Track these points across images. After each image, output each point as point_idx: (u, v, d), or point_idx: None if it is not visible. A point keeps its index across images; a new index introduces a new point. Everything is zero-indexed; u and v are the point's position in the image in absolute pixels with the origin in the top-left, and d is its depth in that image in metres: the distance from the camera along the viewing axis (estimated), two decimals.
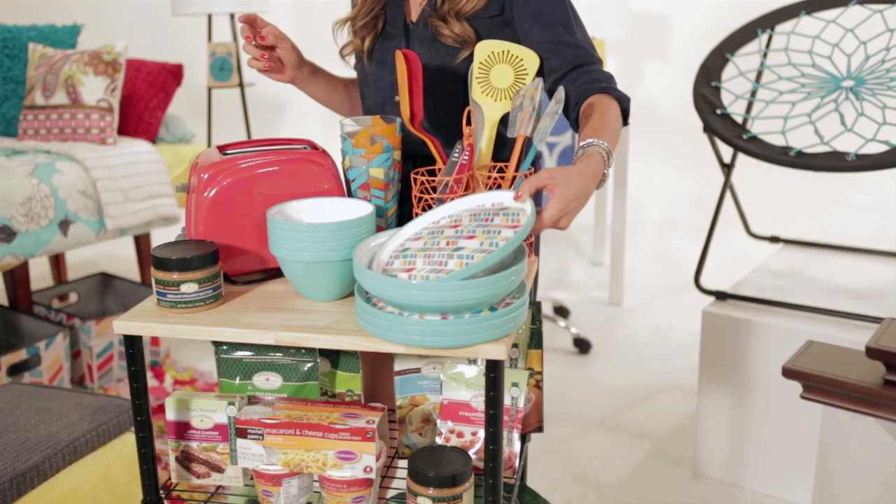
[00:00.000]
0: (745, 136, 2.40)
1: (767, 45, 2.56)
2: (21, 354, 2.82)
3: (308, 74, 1.73)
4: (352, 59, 1.77)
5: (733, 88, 2.59)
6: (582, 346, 3.40)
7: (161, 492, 1.42)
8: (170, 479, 1.47)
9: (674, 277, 4.22)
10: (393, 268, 1.25)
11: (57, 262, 3.74)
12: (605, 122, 1.45)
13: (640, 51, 5.07)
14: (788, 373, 1.37)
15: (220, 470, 1.43)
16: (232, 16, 3.91)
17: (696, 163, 4.77)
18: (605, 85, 1.53)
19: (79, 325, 3.05)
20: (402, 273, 1.22)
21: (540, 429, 1.56)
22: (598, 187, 1.39)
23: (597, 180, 1.37)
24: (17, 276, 3.07)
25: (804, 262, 2.70)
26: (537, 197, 1.37)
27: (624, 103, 1.53)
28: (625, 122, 1.54)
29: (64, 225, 2.95)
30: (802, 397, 1.38)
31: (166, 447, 2.47)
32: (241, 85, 3.90)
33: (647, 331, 3.62)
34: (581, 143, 1.41)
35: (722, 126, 2.43)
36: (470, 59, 1.56)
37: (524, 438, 1.55)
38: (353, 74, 1.82)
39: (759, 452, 2.41)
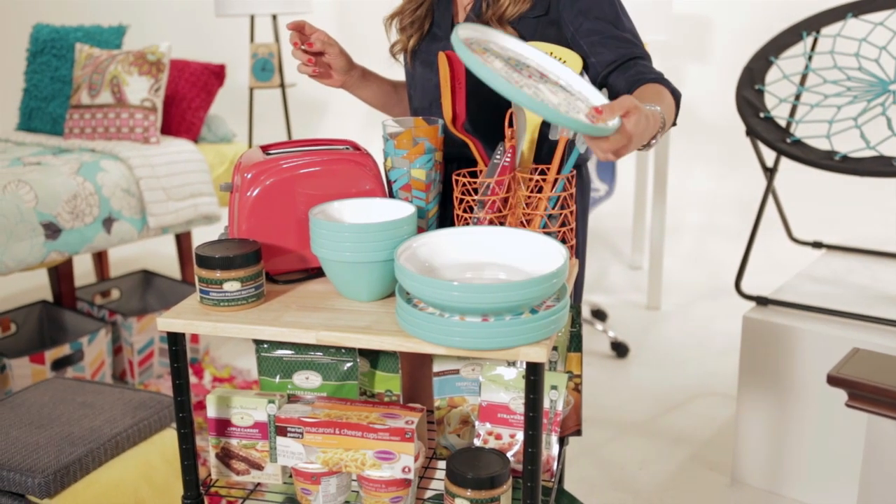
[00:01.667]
0: (788, 140, 2.37)
1: (812, 48, 2.53)
2: (64, 349, 2.87)
3: (358, 79, 1.73)
4: (402, 58, 1.77)
5: (777, 92, 2.56)
6: (619, 349, 3.38)
7: (200, 488, 1.44)
8: (209, 475, 1.48)
9: (713, 282, 4.17)
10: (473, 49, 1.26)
11: (100, 259, 3.80)
12: (661, 99, 1.40)
13: (682, 53, 5.03)
14: (834, 380, 1.35)
15: (259, 467, 1.44)
16: (274, 17, 3.94)
17: (737, 166, 4.73)
18: (657, 76, 1.51)
19: (120, 322, 3.09)
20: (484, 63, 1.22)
21: (578, 432, 1.56)
22: (645, 147, 1.33)
23: (652, 133, 1.30)
24: (62, 273, 3.12)
25: (848, 268, 2.66)
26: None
27: (676, 97, 1.49)
28: (674, 120, 1.49)
29: (108, 222, 3.00)
30: (848, 405, 1.36)
31: (205, 443, 2.50)
32: (282, 85, 3.93)
33: (685, 335, 3.59)
34: None
35: (765, 129, 2.41)
36: None
37: (563, 442, 1.55)
38: (402, 75, 1.82)
39: (800, 460, 2.38)
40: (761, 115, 2.44)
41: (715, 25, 5.00)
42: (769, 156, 2.55)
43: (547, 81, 1.31)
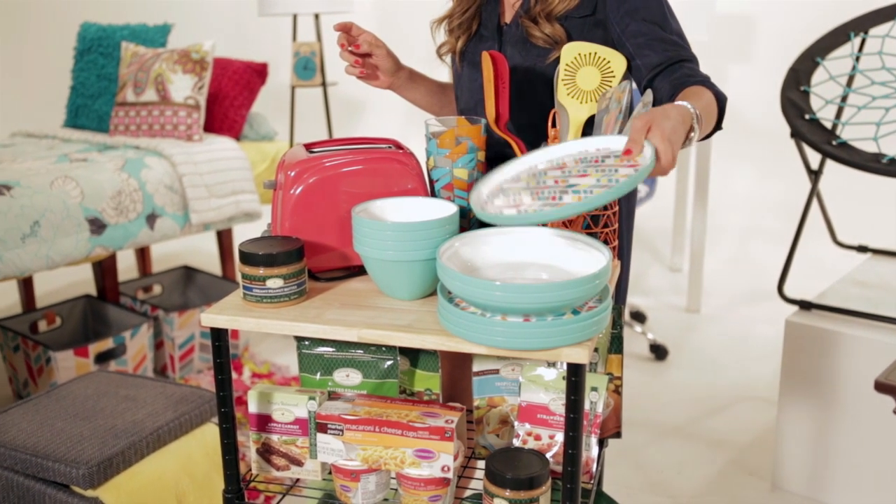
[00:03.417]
0: (834, 142, 2.34)
1: (860, 49, 2.49)
2: (108, 343, 2.91)
3: (405, 80, 1.74)
4: (449, 59, 1.77)
5: (823, 93, 2.52)
6: (658, 352, 3.35)
7: (241, 483, 1.45)
8: (249, 470, 1.49)
9: (754, 285, 4.12)
10: (496, 205, 1.25)
11: (142, 254, 3.84)
12: (699, 100, 1.38)
13: (724, 53, 4.98)
14: (881, 387, 1.33)
15: (299, 463, 1.45)
16: (316, 16, 3.96)
17: (780, 168, 4.66)
18: (702, 79, 1.49)
19: (162, 317, 3.13)
20: (510, 209, 1.22)
21: (618, 434, 1.55)
22: (686, 143, 1.31)
23: (685, 128, 1.28)
24: (106, 268, 3.17)
25: (893, 272, 2.62)
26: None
27: (721, 100, 1.46)
28: (719, 124, 1.47)
29: (151, 219, 3.04)
30: None
31: (245, 439, 2.52)
32: (323, 84, 3.95)
33: (725, 338, 3.55)
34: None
35: (810, 131, 2.38)
36: (559, 60, 1.55)
37: (602, 444, 1.54)
38: (447, 75, 1.82)
39: (842, 467, 2.35)
40: (807, 116, 2.41)
41: (758, 26, 4.95)
42: (814, 158, 2.51)
43: (569, 174, 1.28)
